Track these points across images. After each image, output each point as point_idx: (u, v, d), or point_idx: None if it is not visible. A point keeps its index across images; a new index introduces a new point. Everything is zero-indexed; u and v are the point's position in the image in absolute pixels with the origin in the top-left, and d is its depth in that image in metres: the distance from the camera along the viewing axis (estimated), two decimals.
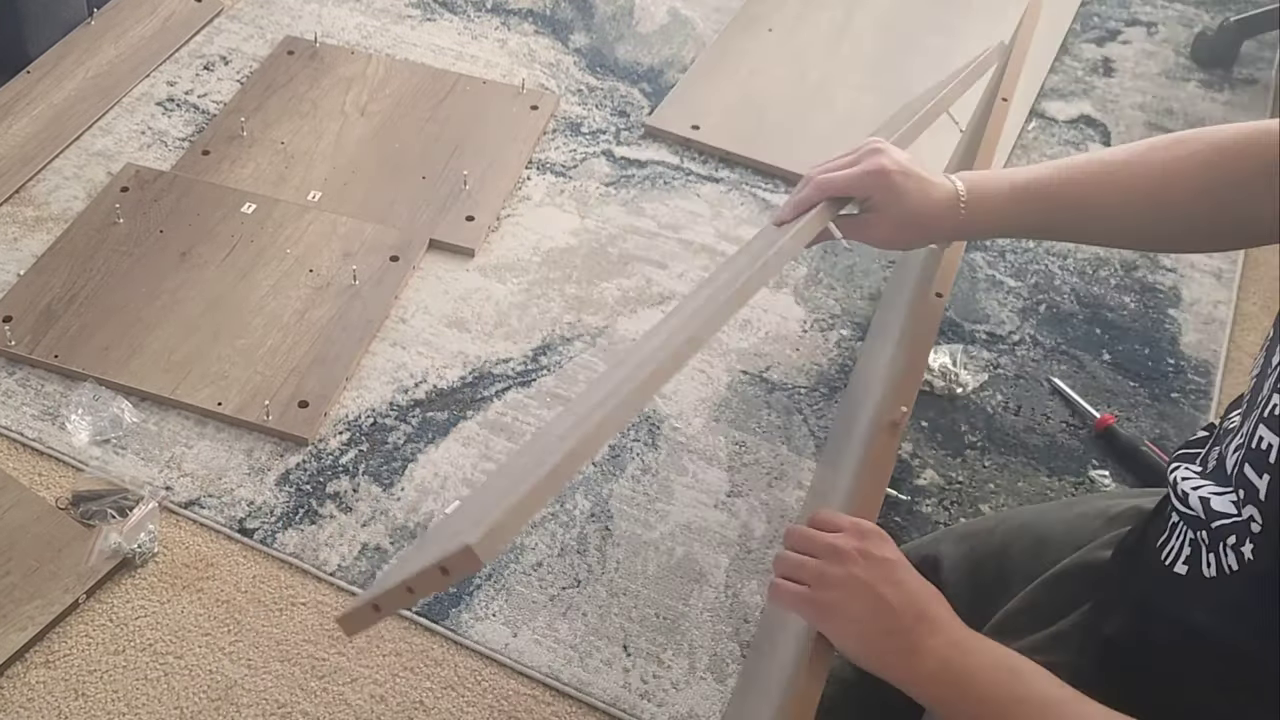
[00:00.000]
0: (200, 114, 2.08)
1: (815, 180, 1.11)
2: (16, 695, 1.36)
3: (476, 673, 1.41)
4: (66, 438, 1.60)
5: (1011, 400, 1.73)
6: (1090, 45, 2.35)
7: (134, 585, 1.46)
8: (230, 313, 1.74)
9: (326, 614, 1.45)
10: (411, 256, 1.84)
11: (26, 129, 2.01)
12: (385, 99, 2.10)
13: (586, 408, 0.94)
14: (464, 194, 1.94)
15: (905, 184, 1.07)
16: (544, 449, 0.89)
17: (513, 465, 0.89)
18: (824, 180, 1.10)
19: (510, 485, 0.83)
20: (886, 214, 1.09)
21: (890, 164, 1.08)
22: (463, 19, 2.31)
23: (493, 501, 0.82)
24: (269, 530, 1.53)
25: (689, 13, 2.37)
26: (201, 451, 1.60)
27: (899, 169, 1.08)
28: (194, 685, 1.38)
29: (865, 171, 1.08)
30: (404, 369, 1.71)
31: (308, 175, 1.96)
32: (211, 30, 2.24)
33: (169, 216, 1.87)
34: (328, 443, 1.62)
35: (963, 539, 1.26)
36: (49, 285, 1.76)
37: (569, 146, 2.06)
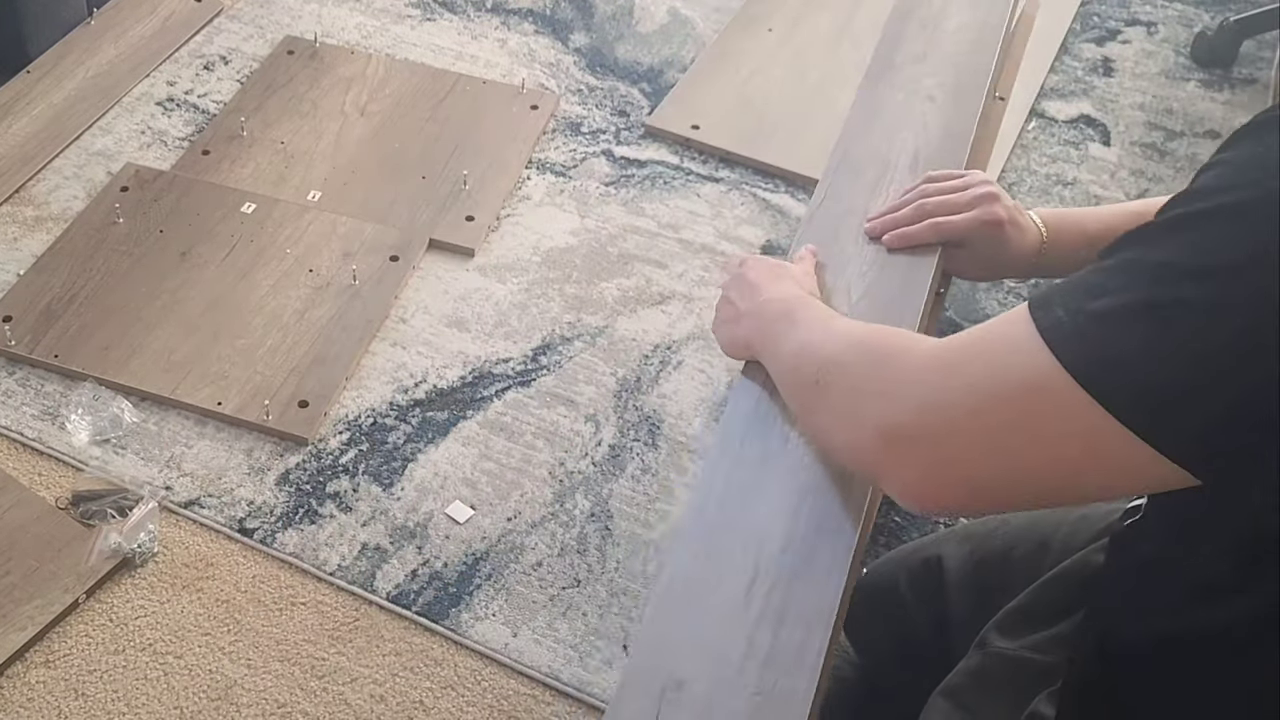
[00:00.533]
0: (200, 114, 2.08)
1: (931, 223, 1.12)
2: (16, 695, 1.36)
3: (476, 672, 1.41)
4: (66, 437, 1.60)
5: None
6: (1090, 45, 2.36)
7: (134, 585, 1.46)
8: (230, 312, 1.74)
9: (326, 614, 1.45)
10: (411, 256, 1.84)
11: (26, 128, 2.01)
12: (385, 99, 2.10)
13: None
14: (464, 194, 1.94)
15: (1011, 235, 1.11)
16: None
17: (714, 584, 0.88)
18: (942, 225, 1.12)
19: None
20: (982, 257, 1.13)
21: (1004, 214, 1.11)
22: (462, 19, 2.31)
23: None
24: (269, 530, 1.53)
25: (689, 12, 2.37)
26: (201, 451, 1.60)
27: (1010, 220, 1.11)
28: (194, 685, 1.38)
29: (982, 221, 1.11)
30: (404, 369, 1.71)
31: (307, 175, 1.96)
32: (211, 30, 2.24)
33: (169, 216, 1.87)
34: (327, 442, 1.62)
35: (965, 540, 1.26)
36: (49, 285, 1.76)
37: (569, 146, 2.06)
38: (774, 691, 0.80)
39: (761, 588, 0.86)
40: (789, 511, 0.91)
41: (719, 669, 0.81)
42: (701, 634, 0.84)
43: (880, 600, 1.33)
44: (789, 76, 2.19)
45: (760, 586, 0.86)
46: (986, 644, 1.07)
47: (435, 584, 1.48)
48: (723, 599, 0.86)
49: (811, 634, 0.83)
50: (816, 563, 0.88)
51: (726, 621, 0.84)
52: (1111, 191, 2.05)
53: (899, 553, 1.36)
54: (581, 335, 1.77)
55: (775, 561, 0.88)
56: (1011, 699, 0.99)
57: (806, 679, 0.81)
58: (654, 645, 0.84)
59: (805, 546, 0.89)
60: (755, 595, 0.86)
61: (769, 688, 0.80)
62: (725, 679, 0.81)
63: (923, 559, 1.27)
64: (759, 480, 0.94)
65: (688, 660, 0.83)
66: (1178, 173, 2.09)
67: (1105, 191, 2.05)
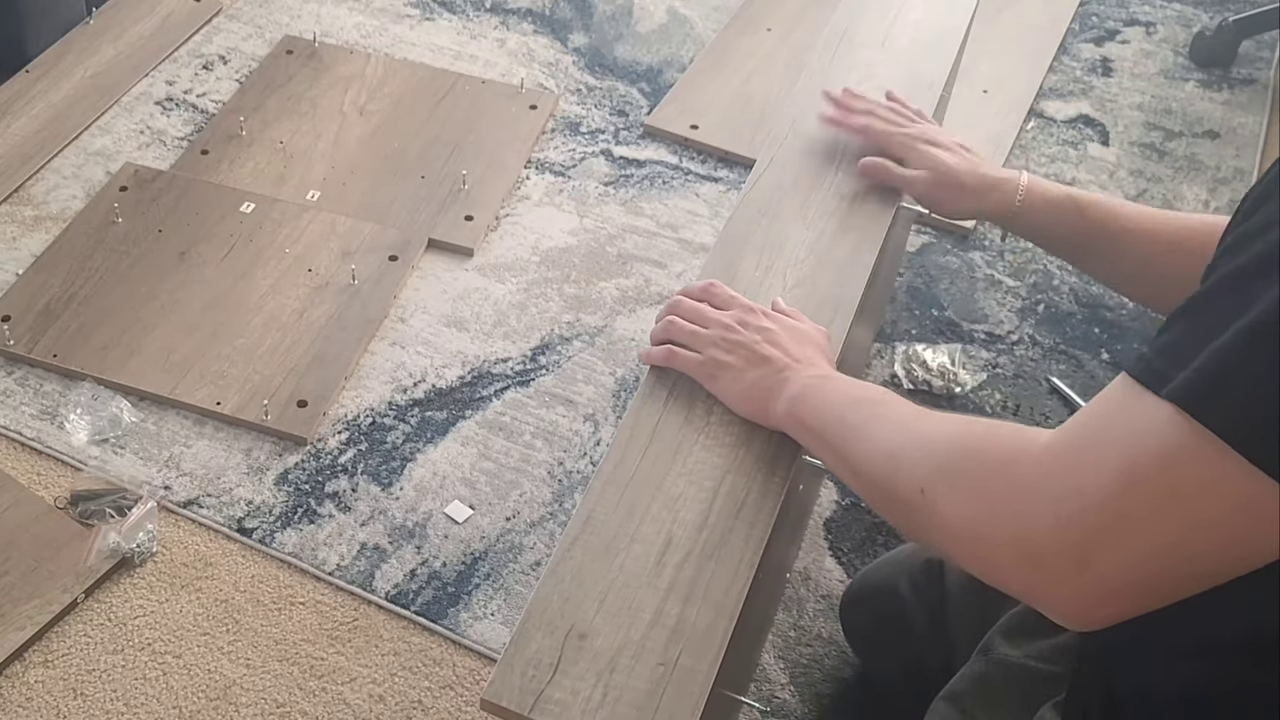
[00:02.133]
0: (199, 113, 2.08)
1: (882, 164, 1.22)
2: (15, 695, 1.36)
3: (475, 672, 1.41)
4: (65, 437, 1.60)
5: (1010, 400, 1.73)
6: (1089, 45, 2.36)
7: (132, 585, 1.46)
8: (229, 312, 1.74)
9: (325, 613, 1.45)
10: (410, 256, 1.84)
11: (25, 128, 2.01)
12: (384, 98, 2.10)
13: None
14: (463, 193, 1.94)
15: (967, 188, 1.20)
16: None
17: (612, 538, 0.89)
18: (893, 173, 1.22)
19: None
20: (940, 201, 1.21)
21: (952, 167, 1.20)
22: (461, 18, 2.31)
23: None
24: (268, 530, 1.53)
25: (688, 12, 2.37)
26: (200, 451, 1.60)
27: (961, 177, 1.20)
28: (192, 685, 1.38)
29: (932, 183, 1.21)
30: (403, 368, 1.71)
31: (307, 175, 1.96)
32: (210, 30, 2.24)
33: (168, 216, 1.87)
34: (326, 442, 1.62)
35: None
36: (48, 284, 1.76)
37: (568, 146, 2.06)
38: (676, 667, 0.81)
39: (674, 557, 0.88)
40: (709, 487, 0.93)
41: (625, 631, 0.83)
42: (610, 590, 0.86)
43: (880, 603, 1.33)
44: (789, 76, 2.19)
45: (673, 556, 0.88)
46: (990, 650, 1.06)
47: (434, 584, 1.48)
48: (635, 559, 0.88)
49: (719, 618, 0.85)
50: (729, 546, 0.89)
51: (637, 584, 0.86)
52: (1111, 191, 2.06)
53: (899, 554, 1.35)
54: (580, 335, 1.77)
55: (690, 535, 0.89)
56: (1016, 708, 0.98)
57: (709, 661, 0.82)
58: (562, 588, 0.86)
59: (721, 527, 0.91)
60: (667, 564, 0.88)
61: (672, 661, 0.82)
62: (630, 642, 0.83)
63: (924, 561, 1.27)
64: (681, 445, 0.95)
65: (595, 613, 0.85)
66: (1176, 172, 2.10)
67: (1104, 191, 2.06)
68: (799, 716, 1.40)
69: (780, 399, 0.95)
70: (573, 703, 0.80)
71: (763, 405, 0.96)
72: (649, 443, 0.96)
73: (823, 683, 1.43)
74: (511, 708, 0.80)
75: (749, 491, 0.93)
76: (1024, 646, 1.05)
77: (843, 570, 1.53)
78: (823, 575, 1.52)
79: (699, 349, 1.01)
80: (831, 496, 1.60)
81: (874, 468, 0.85)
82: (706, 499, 0.92)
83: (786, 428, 0.95)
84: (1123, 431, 0.65)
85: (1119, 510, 0.64)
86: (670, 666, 0.82)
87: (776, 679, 1.42)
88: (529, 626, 0.84)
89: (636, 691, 0.80)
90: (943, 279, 1.89)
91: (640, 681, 0.81)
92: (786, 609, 1.49)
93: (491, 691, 0.82)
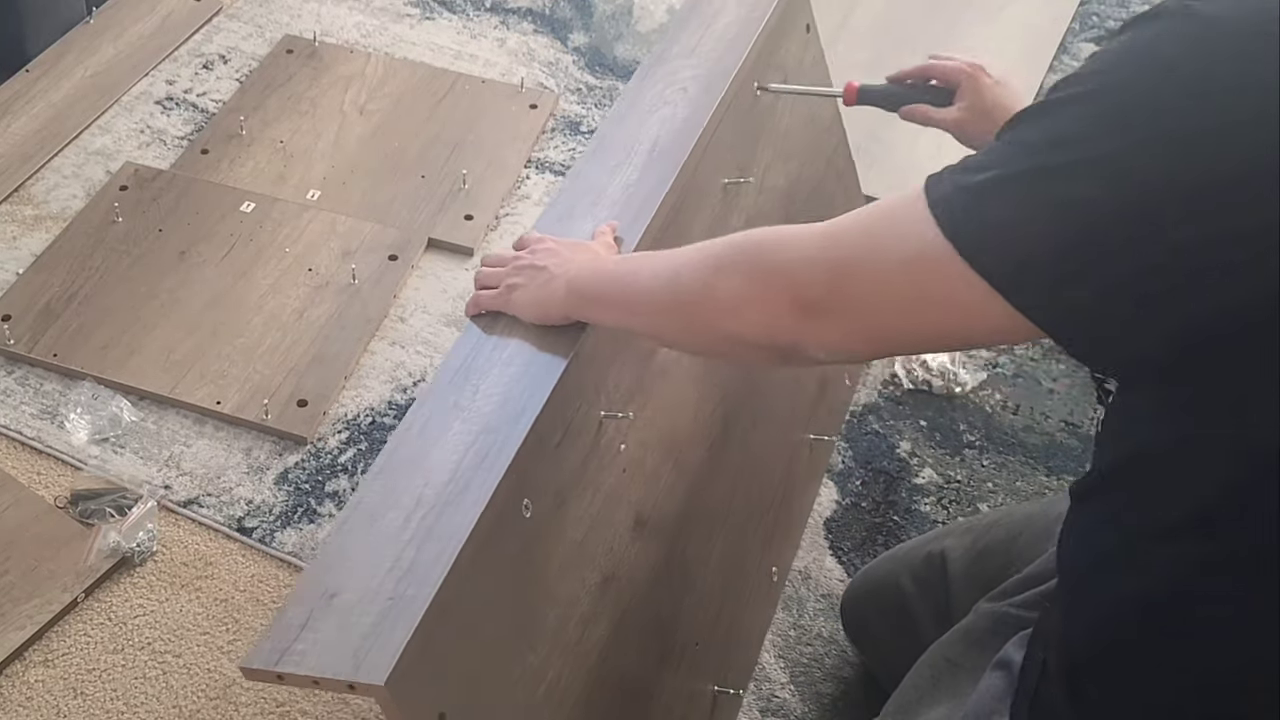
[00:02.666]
0: (199, 113, 2.08)
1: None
2: (15, 694, 1.37)
3: None
4: (65, 436, 1.60)
5: (1010, 399, 1.73)
6: (1089, 45, 2.35)
7: (132, 584, 1.46)
8: (229, 311, 1.74)
9: None
10: (410, 255, 1.84)
11: (25, 127, 2.01)
12: (384, 98, 2.10)
13: None
14: (463, 193, 1.94)
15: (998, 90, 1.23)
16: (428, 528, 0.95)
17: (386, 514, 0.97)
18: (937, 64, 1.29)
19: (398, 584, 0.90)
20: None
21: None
22: (462, 18, 2.31)
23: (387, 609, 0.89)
24: (268, 529, 1.53)
25: None
26: (200, 450, 1.60)
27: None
28: (192, 684, 1.38)
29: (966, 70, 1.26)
30: (403, 368, 1.71)
31: (307, 174, 1.96)
32: (210, 29, 2.24)
33: (168, 215, 1.87)
34: (326, 441, 1.62)
35: (966, 532, 1.26)
36: (48, 284, 1.76)
37: (568, 145, 2.06)
38: (402, 598, 0.88)
39: (419, 513, 0.95)
40: (460, 448, 0.99)
41: (366, 582, 0.90)
42: (364, 554, 0.93)
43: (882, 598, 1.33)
44: None
45: (418, 512, 0.95)
46: (978, 610, 1.08)
47: None
48: (388, 524, 0.95)
49: (445, 548, 0.91)
50: (470, 491, 0.96)
51: (384, 543, 0.93)
52: None
53: (900, 550, 1.36)
54: None
55: (436, 492, 0.96)
56: (992, 649, 1.00)
57: (430, 586, 0.88)
58: (323, 564, 0.94)
59: (464, 478, 0.97)
60: (413, 520, 0.95)
61: (401, 595, 0.89)
62: (369, 590, 0.90)
63: (925, 554, 1.28)
64: (445, 425, 1.02)
65: (344, 575, 0.92)
66: None
67: None
68: (799, 716, 1.40)
69: (559, 288, 1.04)
70: (311, 650, 0.87)
71: (548, 300, 1.05)
72: (420, 432, 1.02)
73: (823, 682, 1.43)
74: (260, 667, 0.87)
75: (493, 444, 0.99)
76: (1007, 599, 1.06)
77: (843, 570, 1.53)
78: (823, 575, 1.53)
79: (496, 284, 1.10)
80: (832, 496, 1.60)
81: (656, 290, 0.94)
82: (456, 460, 0.99)
83: (572, 311, 1.04)
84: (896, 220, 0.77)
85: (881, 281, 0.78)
86: (397, 599, 0.88)
87: (776, 679, 1.42)
88: (289, 601, 0.91)
89: (364, 626, 0.87)
90: None
91: (369, 618, 0.88)
92: (786, 609, 1.49)
93: (246, 660, 0.89)
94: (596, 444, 1.12)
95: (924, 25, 2.32)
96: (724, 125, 1.33)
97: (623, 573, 1.16)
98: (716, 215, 1.34)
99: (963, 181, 0.74)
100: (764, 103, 1.44)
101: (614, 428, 1.15)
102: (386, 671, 0.83)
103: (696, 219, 1.30)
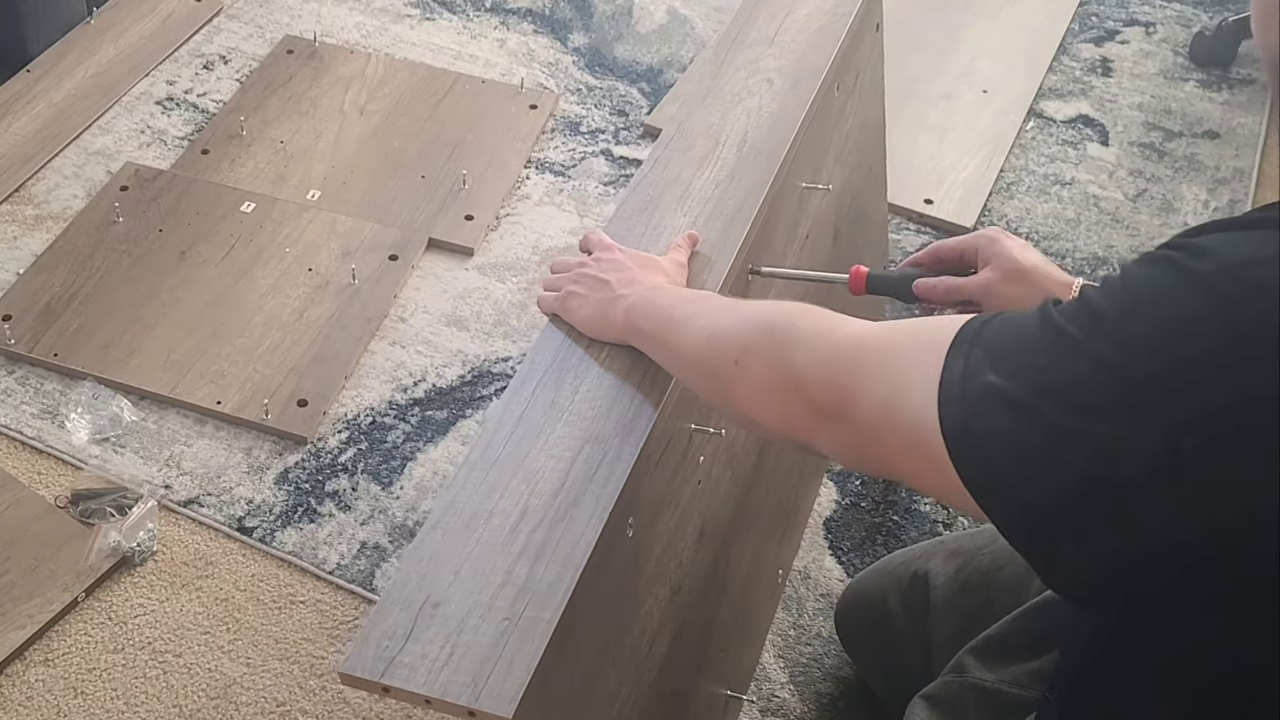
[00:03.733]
0: (200, 113, 2.08)
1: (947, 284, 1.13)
2: (15, 693, 1.37)
3: None
4: (66, 436, 1.60)
5: None
6: (1088, 45, 2.36)
7: (133, 584, 1.46)
8: (229, 311, 1.74)
9: (325, 612, 1.45)
10: (410, 255, 1.84)
11: (26, 127, 2.01)
12: (384, 98, 2.10)
13: None
14: (463, 193, 1.95)
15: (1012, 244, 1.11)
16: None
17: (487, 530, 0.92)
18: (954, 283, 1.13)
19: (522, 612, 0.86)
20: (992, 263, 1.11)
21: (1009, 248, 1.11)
22: (462, 18, 2.31)
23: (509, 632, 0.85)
24: (268, 529, 1.53)
25: (688, 12, 2.37)
26: (200, 450, 1.60)
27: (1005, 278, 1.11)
28: (193, 683, 1.38)
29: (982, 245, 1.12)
30: (403, 368, 1.72)
31: (307, 174, 1.97)
32: (211, 29, 2.24)
33: (168, 215, 1.87)
34: (327, 441, 1.62)
35: (953, 555, 1.25)
36: (48, 284, 1.76)
37: (568, 146, 2.06)
38: (521, 619, 0.84)
39: (528, 524, 0.91)
40: (567, 459, 0.95)
41: (476, 595, 0.86)
42: (466, 562, 0.89)
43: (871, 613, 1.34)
44: None
45: (527, 523, 0.91)
46: (964, 671, 1.07)
47: None
48: (491, 532, 0.90)
49: (565, 570, 0.87)
50: (581, 507, 0.92)
51: (491, 553, 0.89)
52: (1110, 191, 2.06)
53: (890, 563, 1.36)
54: None
55: (545, 503, 0.92)
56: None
57: (553, 609, 0.85)
58: (420, 566, 0.89)
59: (575, 491, 0.93)
60: (521, 532, 0.90)
61: (517, 614, 0.85)
62: (480, 604, 0.85)
63: (911, 573, 1.27)
64: (544, 425, 0.98)
65: (449, 584, 0.87)
66: (1176, 173, 2.10)
67: (1104, 191, 2.06)
68: (799, 715, 1.40)
69: (618, 311, 1.01)
70: (420, 665, 0.83)
71: (605, 321, 1.03)
72: (515, 428, 0.98)
73: (822, 681, 1.43)
74: (365, 676, 0.83)
75: (604, 456, 0.95)
76: (998, 670, 1.05)
77: (842, 570, 1.53)
78: (822, 575, 1.53)
79: (559, 288, 1.08)
80: (832, 496, 1.60)
81: (696, 349, 0.92)
82: (564, 469, 0.95)
83: (627, 337, 1.02)
84: (907, 365, 0.74)
85: (885, 414, 0.75)
86: (515, 620, 0.85)
87: (776, 678, 1.43)
88: (386, 604, 0.87)
89: (481, 646, 0.83)
90: None
91: (485, 637, 0.84)
92: (786, 609, 1.49)
93: (347, 665, 0.84)
94: (684, 457, 1.09)
95: (924, 25, 2.32)
96: (809, 126, 1.27)
97: (686, 584, 1.13)
98: (792, 221, 1.31)
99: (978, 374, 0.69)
100: (838, 104, 1.40)
101: (699, 441, 1.12)
102: (514, 702, 0.79)
103: (779, 224, 1.26)
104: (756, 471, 1.31)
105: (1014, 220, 2.00)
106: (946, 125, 2.13)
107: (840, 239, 1.49)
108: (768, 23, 1.36)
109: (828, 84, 1.31)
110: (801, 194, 1.31)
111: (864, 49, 1.48)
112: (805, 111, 1.24)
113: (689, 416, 1.08)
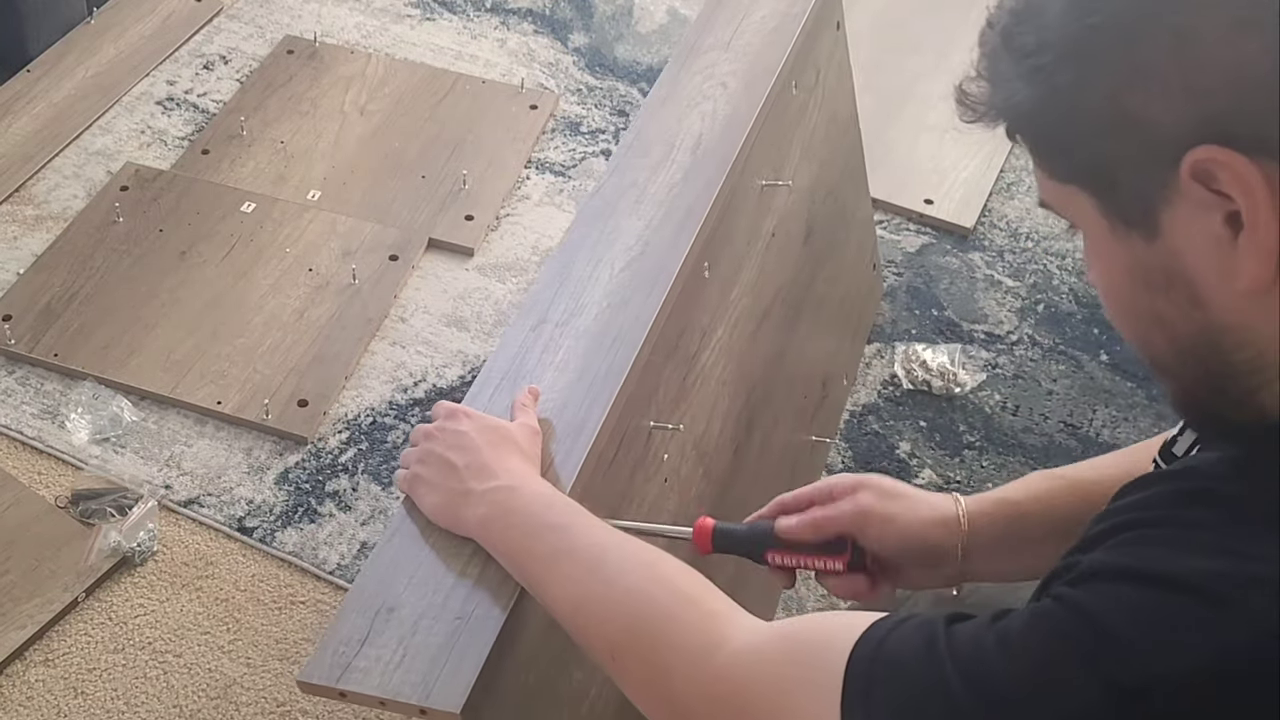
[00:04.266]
0: (200, 113, 2.08)
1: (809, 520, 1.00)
2: (15, 693, 1.37)
3: None
4: (66, 436, 1.60)
5: (1010, 400, 1.73)
6: None
7: (133, 584, 1.47)
8: (229, 312, 1.74)
9: (326, 613, 1.45)
10: (411, 256, 1.84)
11: (26, 127, 2.01)
12: (385, 98, 2.10)
13: None
14: (463, 193, 1.95)
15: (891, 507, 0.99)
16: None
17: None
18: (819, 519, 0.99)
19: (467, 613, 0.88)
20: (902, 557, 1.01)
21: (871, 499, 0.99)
22: (462, 18, 2.31)
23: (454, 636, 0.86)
24: (268, 529, 1.53)
25: (688, 12, 2.37)
26: (201, 450, 1.60)
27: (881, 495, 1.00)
28: (193, 684, 1.38)
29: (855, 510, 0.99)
30: (403, 368, 1.72)
31: (307, 174, 1.97)
32: (211, 29, 2.24)
33: (168, 215, 1.87)
34: (327, 441, 1.62)
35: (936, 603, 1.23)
36: (49, 284, 1.76)
37: (568, 146, 2.07)
38: (471, 618, 0.86)
39: None
40: None
41: (429, 597, 0.88)
42: (422, 566, 0.90)
43: None
44: None
45: None
46: None
47: None
48: (446, 535, 0.92)
49: None
50: None
51: (447, 557, 0.91)
52: None
53: None
54: None
55: None
56: None
57: (501, 607, 0.87)
58: (378, 573, 0.91)
59: None
60: None
61: (468, 614, 0.87)
62: (433, 606, 0.87)
63: None
64: None
65: (405, 588, 0.89)
66: None
67: None
68: None
69: (469, 518, 0.91)
70: (374, 668, 0.85)
71: (456, 520, 0.93)
72: None
73: None
74: (320, 683, 0.85)
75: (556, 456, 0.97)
76: None
77: None
78: None
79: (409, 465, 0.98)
80: None
81: (564, 616, 0.85)
82: None
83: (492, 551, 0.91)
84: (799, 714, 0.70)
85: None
86: (466, 619, 0.86)
87: None
88: (344, 611, 0.89)
89: (432, 646, 0.85)
90: (942, 279, 1.90)
91: (437, 637, 0.85)
92: (786, 609, 1.49)
93: (304, 674, 0.86)
94: (645, 456, 1.08)
95: (924, 25, 2.32)
96: (765, 125, 1.28)
97: None
98: (752, 219, 1.31)
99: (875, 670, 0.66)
100: (798, 101, 1.40)
101: (660, 438, 1.11)
102: (462, 698, 0.81)
103: (738, 223, 1.26)
104: (733, 471, 1.31)
105: (1014, 220, 2.00)
106: (946, 125, 2.13)
107: (814, 237, 1.49)
108: (724, 27, 1.37)
109: (783, 82, 1.32)
110: (762, 192, 1.31)
111: (823, 46, 1.48)
112: (758, 111, 1.25)
113: (646, 414, 1.09)
